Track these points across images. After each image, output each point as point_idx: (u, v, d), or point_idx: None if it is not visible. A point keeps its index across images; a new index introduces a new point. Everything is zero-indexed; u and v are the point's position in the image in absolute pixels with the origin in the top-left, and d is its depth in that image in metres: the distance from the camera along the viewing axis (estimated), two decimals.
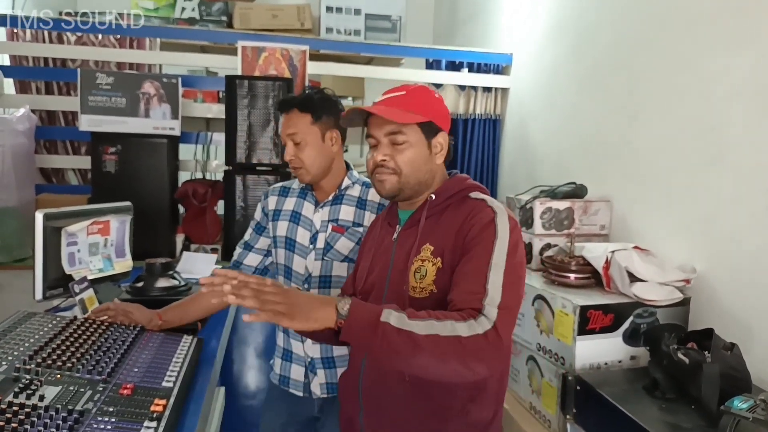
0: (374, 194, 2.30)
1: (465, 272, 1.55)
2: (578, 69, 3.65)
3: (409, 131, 1.68)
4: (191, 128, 4.38)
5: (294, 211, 2.36)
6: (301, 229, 2.32)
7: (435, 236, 1.67)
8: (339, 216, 2.29)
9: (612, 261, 2.54)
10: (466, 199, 1.70)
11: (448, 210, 1.71)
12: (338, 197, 2.31)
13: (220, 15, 5.13)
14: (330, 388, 2.30)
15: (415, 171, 1.70)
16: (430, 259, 1.64)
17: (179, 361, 1.89)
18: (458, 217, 1.65)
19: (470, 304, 1.47)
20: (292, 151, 2.23)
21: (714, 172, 2.49)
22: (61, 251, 2.31)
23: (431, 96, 1.75)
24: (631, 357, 2.42)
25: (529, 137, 4.33)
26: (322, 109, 2.26)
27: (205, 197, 3.96)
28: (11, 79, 4.49)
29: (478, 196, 1.70)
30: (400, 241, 1.77)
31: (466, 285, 1.52)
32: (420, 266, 1.66)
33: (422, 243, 1.68)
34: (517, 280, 1.55)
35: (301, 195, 2.38)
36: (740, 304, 2.35)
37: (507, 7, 4.86)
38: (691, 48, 2.66)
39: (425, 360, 1.41)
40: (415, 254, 1.68)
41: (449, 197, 1.72)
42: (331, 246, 2.26)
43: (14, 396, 1.44)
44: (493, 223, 1.58)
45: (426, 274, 1.63)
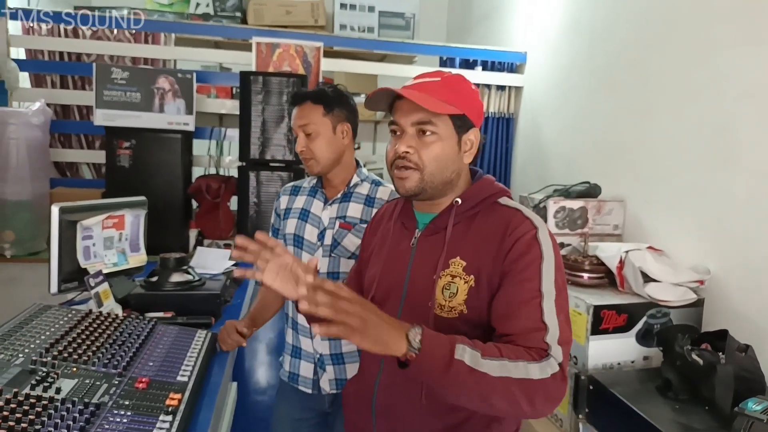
0: (383, 192, 2.32)
1: (518, 302, 1.40)
2: (592, 68, 3.64)
3: (440, 123, 1.51)
4: (205, 124, 4.39)
5: (303, 209, 2.37)
6: (309, 226, 2.33)
7: (467, 249, 1.51)
8: (347, 213, 2.30)
9: (626, 261, 2.53)
10: (495, 207, 1.56)
11: (477, 218, 1.54)
12: (347, 194, 2.33)
13: (234, 11, 5.15)
14: (339, 383, 2.30)
15: (440, 169, 1.52)
16: (462, 276, 1.48)
17: (194, 355, 1.90)
18: (494, 229, 1.50)
19: (536, 343, 1.35)
20: (304, 142, 2.25)
21: (727, 173, 2.48)
22: (77, 245, 2.33)
23: (468, 87, 1.58)
24: (644, 357, 2.41)
25: (543, 136, 4.32)
26: (335, 102, 2.29)
27: (219, 193, 3.97)
28: (27, 72, 4.52)
29: (508, 203, 1.56)
30: (420, 249, 1.60)
31: (524, 319, 1.38)
32: (449, 282, 1.49)
33: (451, 255, 1.52)
34: (566, 304, 1.45)
35: (311, 193, 2.40)
36: (754, 306, 2.34)
37: (521, 6, 4.84)
38: (705, 48, 2.65)
39: (494, 401, 1.29)
40: (443, 267, 1.51)
41: (478, 203, 1.56)
42: (338, 243, 2.27)
43: (31, 388, 1.45)
44: (536, 241, 1.44)
45: (457, 293, 1.48)
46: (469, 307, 1.47)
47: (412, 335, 1.25)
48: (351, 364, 2.29)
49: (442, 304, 1.49)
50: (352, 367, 2.29)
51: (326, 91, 2.31)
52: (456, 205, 1.55)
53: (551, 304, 1.39)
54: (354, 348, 2.26)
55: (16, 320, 1.84)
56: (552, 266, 1.42)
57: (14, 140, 3.62)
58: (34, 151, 3.75)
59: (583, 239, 2.90)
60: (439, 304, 1.49)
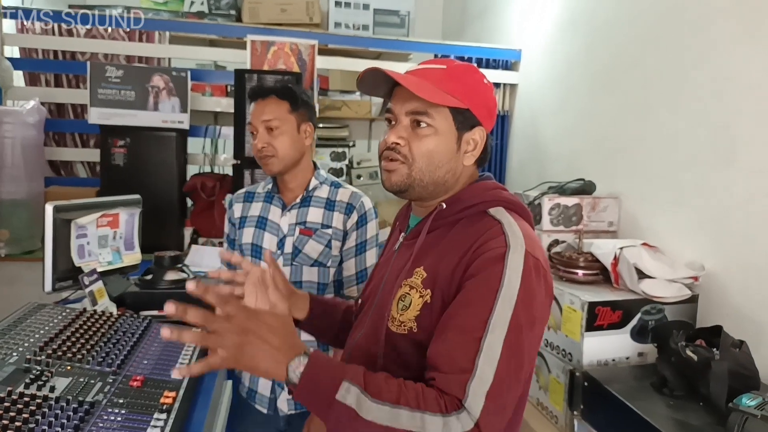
0: (343, 194, 2.25)
1: (454, 327, 1.18)
2: (589, 65, 3.64)
3: (438, 116, 1.33)
4: (199, 122, 4.39)
5: (260, 217, 2.30)
6: (267, 235, 2.26)
7: (431, 259, 1.33)
8: (307, 218, 2.23)
9: (620, 257, 2.53)
10: (482, 216, 1.34)
11: (457, 226, 1.35)
12: (306, 199, 2.26)
13: (229, 9, 5.13)
14: (298, 403, 2.24)
15: (431, 167, 1.35)
16: (419, 289, 1.31)
17: (188, 353, 1.90)
18: (465, 240, 1.29)
19: (453, 389, 1.11)
20: (266, 138, 2.16)
21: (725, 170, 2.49)
22: (71, 243, 2.32)
23: (478, 79, 1.40)
24: (638, 354, 2.42)
25: (539, 134, 4.32)
26: (300, 100, 2.23)
27: (214, 191, 3.97)
28: (21, 71, 4.51)
29: (497, 214, 1.33)
30: (399, 254, 1.47)
31: (453, 353, 1.15)
32: (405, 294, 1.33)
33: (416, 264, 1.35)
34: (521, 346, 1.17)
35: (267, 199, 2.32)
36: (749, 302, 2.34)
37: (516, 3, 4.85)
38: (704, 45, 2.65)
39: None
40: (405, 276, 1.36)
41: (463, 209, 1.36)
42: (300, 250, 2.21)
43: (25, 387, 1.45)
44: (501, 262, 1.20)
45: (410, 306, 1.30)
46: (419, 326, 1.28)
47: (293, 366, 1.10)
48: None
49: (395, 316, 1.33)
50: None
51: (292, 87, 2.23)
52: (439, 209, 1.37)
53: (496, 344, 1.13)
54: None
55: (11, 319, 1.84)
56: (513, 296, 1.17)
57: (9, 139, 3.61)
58: (29, 150, 3.75)
59: (578, 236, 2.90)
60: (392, 316, 1.34)
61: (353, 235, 2.24)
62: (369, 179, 5.06)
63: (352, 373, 1.13)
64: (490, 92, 1.42)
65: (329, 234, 2.21)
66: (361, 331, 1.47)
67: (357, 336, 1.48)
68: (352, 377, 1.11)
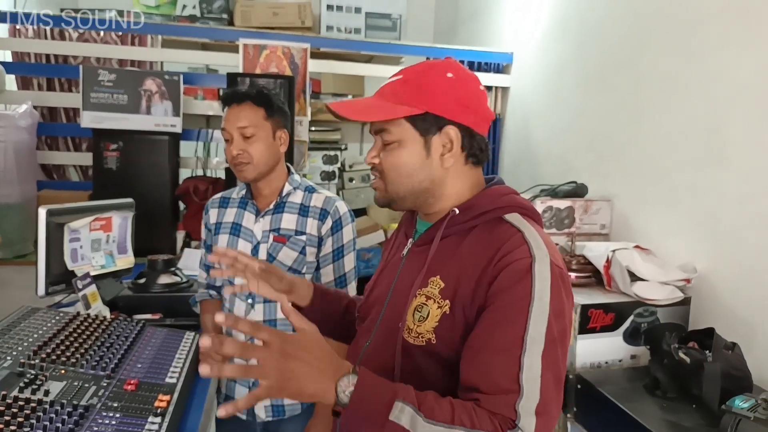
0: (317, 199, 2.22)
1: (492, 349, 1.15)
2: (580, 68, 3.65)
3: (395, 129, 1.32)
4: (191, 125, 4.38)
5: (234, 223, 2.27)
6: (241, 242, 2.23)
7: (449, 268, 1.28)
8: (281, 225, 2.20)
9: (613, 260, 2.54)
10: (498, 223, 1.30)
11: (473, 233, 1.31)
12: (280, 205, 2.23)
13: (221, 12, 5.13)
14: (276, 410, 2.22)
15: (401, 178, 1.34)
16: (437, 299, 1.27)
17: (182, 357, 1.90)
18: (485, 249, 1.25)
19: (502, 409, 1.10)
20: (242, 145, 2.11)
21: (716, 172, 2.50)
22: (64, 247, 2.32)
23: (435, 78, 1.33)
24: (631, 356, 2.43)
25: (531, 136, 4.33)
26: (276, 107, 2.20)
27: (206, 194, 3.96)
28: (13, 75, 4.50)
29: (514, 221, 1.29)
30: (408, 261, 1.42)
31: (495, 374, 1.13)
32: (422, 304, 1.28)
33: (431, 273, 1.31)
34: (557, 360, 1.17)
35: (241, 205, 2.29)
36: (741, 304, 2.35)
37: (508, 7, 4.86)
38: (696, 47, 2.66)
39: None
40: (420, 286, 1.31)
41: (477, 215, 1.31)
42: (274, 257, 2.18)
43: (20, 391, 1.45)
44: (529, 275, 1.17)
45: (428, 317, 1.27)
46: (438, 337, 1.25)
47: (342, 386, 1.06)
48: None
49: (411, 327, 1.29)
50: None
51: (268, 93, 2.20)
52: (452, 215, 1.33)
53: (535, 360, 1.13)
54: None
55: (4, 323, 1.84)
56: (545, 310, 1.15)
57: (1, 143, 3.60)
58: (22, 154, 3.74)
59: (571, 239, 2.91)
60: (408, 327, 1.30)
61: (329, 240, 2.21)
62: (361, 182, 5.07)
63: (404, 392, 1.10)
64: (458, 85, 1.34)
65: (303, 240, 2.19)
66: (368, 340, 1.42)
67: (364, 345, 1.43)
68: (404, 396, 1.08)
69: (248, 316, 2.15)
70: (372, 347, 1.41)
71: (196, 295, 2.39)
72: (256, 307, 2.18)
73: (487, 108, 1.40)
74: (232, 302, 2.21)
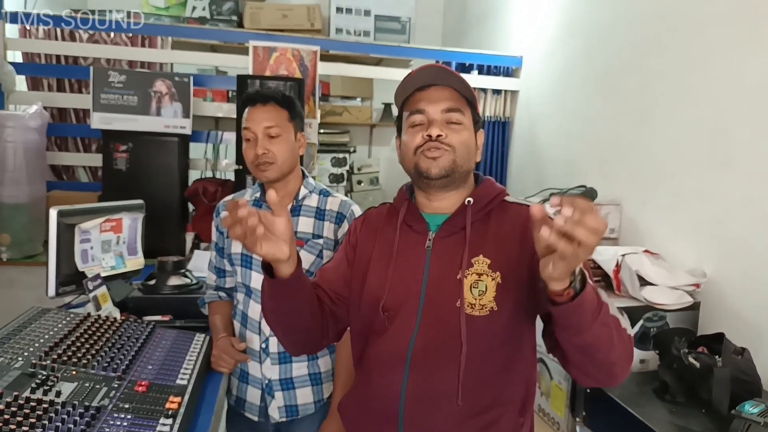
0: (333, 203, 2.21)
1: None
2: (589, 72, 3.65)
3: (466, 114, 1.53)
4: (201, 127, 4.40)
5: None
6: None
7: (489, 247, 1.48)
8: (298, 228, 2.17)
9: (622, 264, 2.54)
10: (505, 205, 1.54)
11: (493, 216, 1.53)
12: (296, 208, 2.20)
13: (231, 14, 5.15)
14: (289, 411, 2.18)
15: (468, 156, 1.52)
16: (489, 273, 1.45)
17: (192, 358, 1.90)
18: (512, 224, 1.49)
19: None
20: (267, 145, 2.09)
21: (724, 176, 2.50)
22: (75, 248, 2.33)
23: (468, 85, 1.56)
24: (641, 360, 2.42)
25: (539, 140, 4.33)
26: (297, 109, 2.20)
27: (215, 196, 3.98)
28: (23, 75, 4.52)
29: (517, 200, 1.56)
30: (437, 251, 1.53)
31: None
32: (477, 281, 1.45)
33: (473, 254, 1.48)
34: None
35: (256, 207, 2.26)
36: (750, 309, 2.35)
37: (517, 10, 4.86)
38: (702, 50, 2.66)
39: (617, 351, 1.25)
40: (467, 266, 1.47)
41: (489, 202, 1.53)
42: None
43: (31, 392, 1.45)
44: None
45: (486, 290, 1.44)
46: (498, 304, 1.43)
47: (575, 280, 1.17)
48: (302, 389, 2.18)
49: (473, 302, 1.44)
50: (302, 392, 2.18)
51: (290, 95, 2.21)
52: (469, 204, 1.52)
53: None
54: (305, 372, 2.17)
55: (15, 323, 1.84)
56: None
57: (11, 143, 3.62)
58: (31, 155, 3.75)
59: None
60: (469, 303, 1.44)
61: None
62: (370, 185, 5.08)
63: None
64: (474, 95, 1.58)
65: (320, 244, 2.17)
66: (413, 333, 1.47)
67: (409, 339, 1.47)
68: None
69: (263, 319, 2.14)
70: (422, 335, 1.47)
71: (205, 297, 2.39)
72: None
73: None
74: (247, 305, 2.21)
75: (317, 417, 2.23)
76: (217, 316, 2.30)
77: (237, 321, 2.25)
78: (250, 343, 2.18)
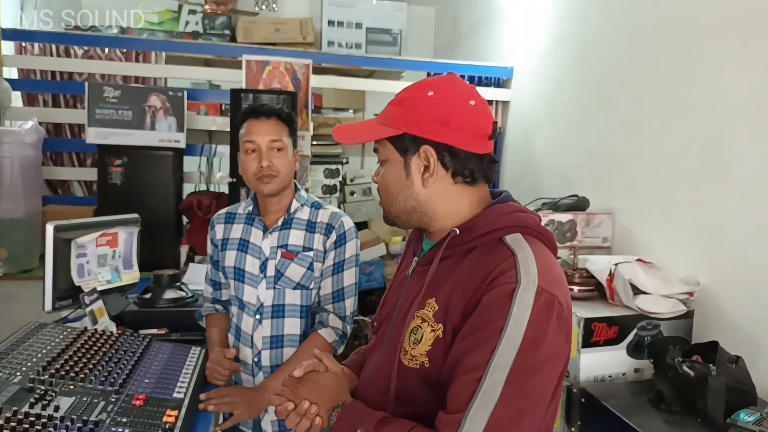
0: (324, 215, 2.23)
1: (460, 368, 1.16)
2: (581, 82, 3.67)
3: (382, 149, 1.35)
4: (194, 140, 4.40)
5: (242, 239, 2.26)
6: (250, 258, 2.22)
7: (444, 291, 1.27)
8: (288, 241, 2.20)
9: (616, 273, 2.55)
10: (498, 244, 1.26)
11: (472, 255, 1.28)
12: (287, 221, 2.23)
13: (224, 29, 5.18)
14: (282, 425, 2.18)
15: (388, 199, 1.37)
16: (431, 323, 1.26)
17: (189, 372, 1.91)
18: (478, 273, 1.22)
19: (447, 428, 1.13)
20: (272, 157, 2.13)
21: (718, 186, 2.51)
22: (71, 262, 2.33)
23: (416, 97, 1.30)
24: (635, 369, 2.43)
25: (532, 150, 4.35)
26: (295, 125, 2.26)
27: (210, 209, 3.98)
28: (19, 91, 4.53)
29: (513, 243, 1.25)
30: (412, 279, 1.41)
31: (454, 392, 1.15)
32: (417, 327, 1.28)
33: (428, 295, 1.29)
34: (525, 392, 1.12)
35: (248, 221, 2.29)
36: (744, 317, 2.36)
37: (508, 22, 4.89)
38: (696, 62, 2.68)
39: None
40: (418, 308, 1.30)
41: (477, 237, 1.27)
42: (282, 273, 2.18)
43: (30, 406, 1.46)
44: (509, 300, 1.14)
45: (421, 340, 1.26)
46: (431, 361, 1.24)
47: (333, 415, 1.32)
48: None
49: (406, 349, 1.29)
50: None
51: (288, 112, 2.25)
52: (452, 235, 1.29)
53: (495, 386, 1.10)
54: None
55: (13, 338, 1.85)
56: (518, 338, 1.11)
57: (8, 159, 3.62)
58: (27, 170, 3.76)
59: (573, 252, 2.92)
60: (404, 349, 1.30)
61: (331, 254, 2.21)
62: (362, 195, 5.10)
63: (369, 421, 1.24)
64: (438, 103, 1.28)
65: (311, 257, 2.19)
66: (376, 358, 1.45)
67: (371, 363, 1.47)
68: (366, 425, 1.24)
69: (256, 332, 2.16)
70: (376, 365, 1.44)
71: (202, 309, 2.40)
72: (264, 323, 2.17)
73: (479, 123, 1.30)
74: (240, 318, 2.22)
75: None
76: (213, 329, 2.31)
77: (231, 334, 2.27)
78: (243, 356, 2.20)
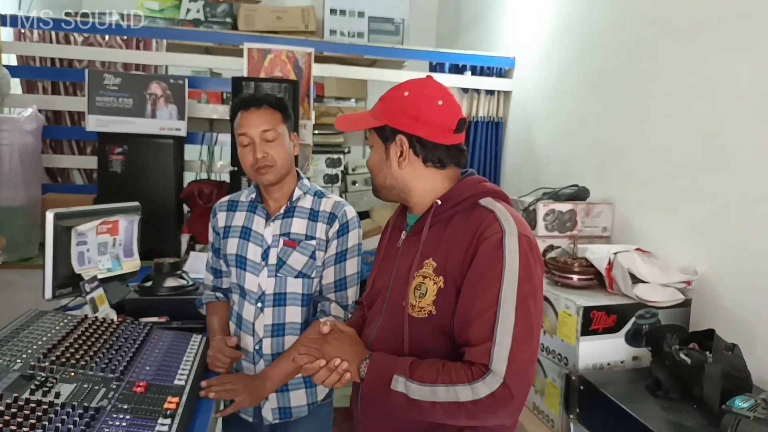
0: (326, 204, 2.24)
1: (473, 311, 1.43)
2: (582, 72, 3.67)
3: (371, 136, 1.67)
4: (195, 129, 4.40)
5: (244, 227, 2.26)
6: (252, 245, 2.22)
7: (439, 251, 1.54)
8: (291, 229, 2.20)
9: (615, 262, 2.56)
10: (475, 208, 1.56)
11: (455, 219, 1.56)
12: (290, 209, 2.23)
13: (225, 16, 5.15)
14: (283, 413, 2.21)
15: (375, 174, 1.69)
16: (432, 277, 1.52)
17: (189, 359, 1.92)
18: (466, 231, 1.51)
19: (479, 357, 1.38)
20: (265, 148, 2.12)
21: (717, 175, 2.52)
22: (71, 250, 2.34)
23: (395, 96, 1.63)
24: (633, 357, 2.45)
25: (533, 140, 4.35)
26: (289, 111, 2.23)
27: (211, 197, 3.98)
28: (18, 78, 4.53)
29: (488, 204, 1.55)
30: (403, 250, 1.67)
31: (475, 330, 1.41)
32: (420, 283, 1.54)
33: (425, 257, 1.56)
34: (530, 313, 1.41)
35: (251, 209, 2.29)
36: (741, 306, 2.37)
37: (510, 12, 4.88)
38: (696, 52, 2.68)
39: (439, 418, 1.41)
40: (417, 268, 1.57)
41: (456, 204, 1.57)
42: (284, 261, 2.17)
43: (30, 393, 1.47)
44: (500, 247, 1.43)
45: (426, 293, 1.52)
46: (437, 308, 1.51)
47: (362, 368, 1.51)
48: (295, 391, 2.21)
49: (413, 304, 1.54)
50: (296, 394, 2.21)
51: (282, 98, 2.24)
52: (435, 206, 1.60)
53: (509, 312, 1.39)
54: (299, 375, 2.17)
55: (13, 326, 1.86)
56: (515, 273, 1.41)
57: (6, 146, 3.61)
58: (27, 157, 3.75)
59: (573, 241, 2.93)
60: (411, 304, 1.55)
61: (334, 243, 2.21)
62: (364, 185, 5.09)
63: (401, 366, 1.46)
64: (412, 101, 1.58)
65: (313, 245, 2.19)
66: (377, 324, 1.69)
67: (373, 328, 1.69)
68: (400, 370, 1.44)
69: (257, 320, 2.17)
70: (382, 327, 1.67)
71: (203, 297, 2.40)
72: (266, 311, 2.18)
73: (445, 119, 1.59)
74: (241, 306, 2.22)
75: (310, 419, 2.25)
76: (214, 317, 2.32)
77: (232, 322, 2.27)
78: (244, 344, 2.20)
